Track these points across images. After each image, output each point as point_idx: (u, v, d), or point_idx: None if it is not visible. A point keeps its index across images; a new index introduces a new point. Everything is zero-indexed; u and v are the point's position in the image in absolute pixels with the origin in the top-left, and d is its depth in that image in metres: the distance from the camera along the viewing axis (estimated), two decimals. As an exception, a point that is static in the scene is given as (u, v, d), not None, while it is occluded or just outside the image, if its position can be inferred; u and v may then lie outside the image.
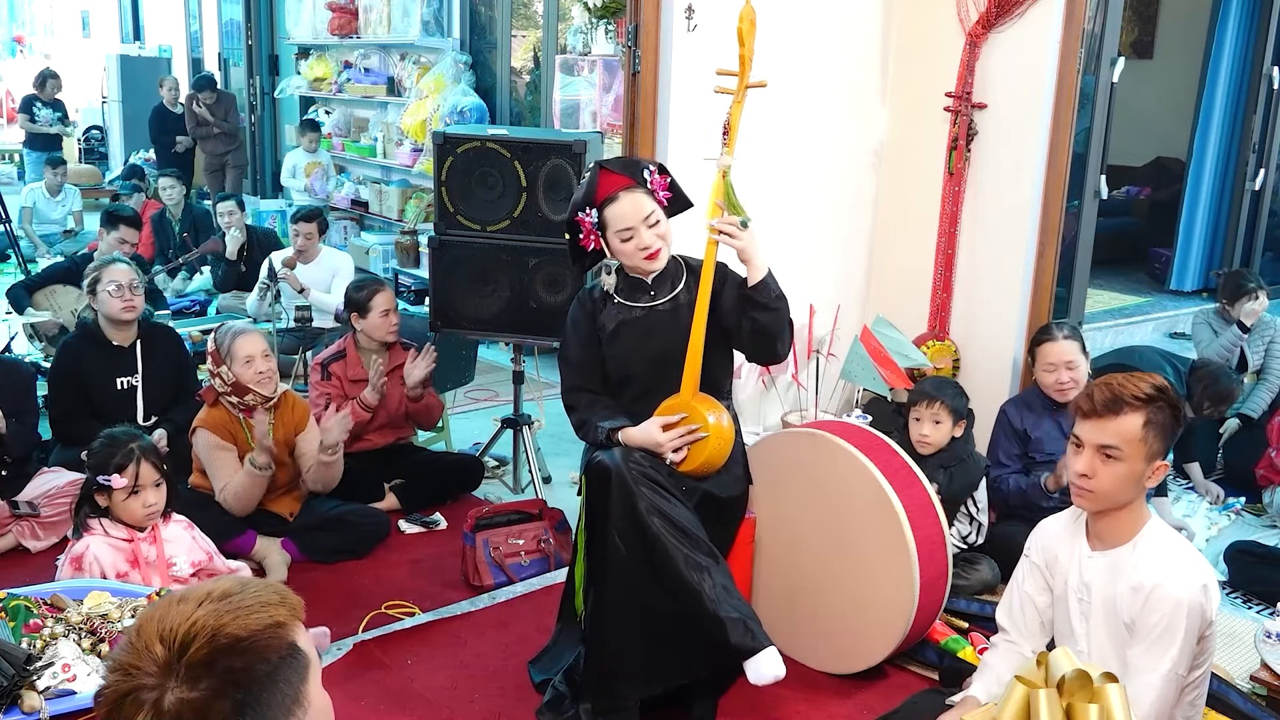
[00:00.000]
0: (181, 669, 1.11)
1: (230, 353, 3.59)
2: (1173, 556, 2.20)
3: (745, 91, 2.80)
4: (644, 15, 3.83)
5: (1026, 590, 2.44)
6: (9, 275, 7.23)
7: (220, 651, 1.12)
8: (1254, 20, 6.75)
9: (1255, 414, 4.74)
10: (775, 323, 2.72)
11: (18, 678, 2.63)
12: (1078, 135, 4.23)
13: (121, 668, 1.14)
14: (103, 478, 3.12)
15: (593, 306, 2.89)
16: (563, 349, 2.96)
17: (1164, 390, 2.21)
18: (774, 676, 2.57)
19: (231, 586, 1.19)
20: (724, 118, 2.80)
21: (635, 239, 2.73)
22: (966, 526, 3.58)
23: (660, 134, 3.94)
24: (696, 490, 2.79)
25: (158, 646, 1.12)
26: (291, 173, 8.56)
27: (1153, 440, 2.19)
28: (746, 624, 2.59)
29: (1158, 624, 2.16)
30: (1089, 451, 2.21)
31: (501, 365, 5.89)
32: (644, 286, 2.83)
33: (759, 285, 2.69)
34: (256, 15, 10.11)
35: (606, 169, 2.77)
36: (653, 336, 2.81)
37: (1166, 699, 2.17)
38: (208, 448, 3.63)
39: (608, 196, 2.74)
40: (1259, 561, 3.71)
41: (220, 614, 1.14)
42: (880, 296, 4.61)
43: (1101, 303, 6.77)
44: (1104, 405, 2.20)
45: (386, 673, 3.05)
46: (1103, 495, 2.23)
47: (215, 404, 3.67)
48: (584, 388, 2.90)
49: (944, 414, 3.56)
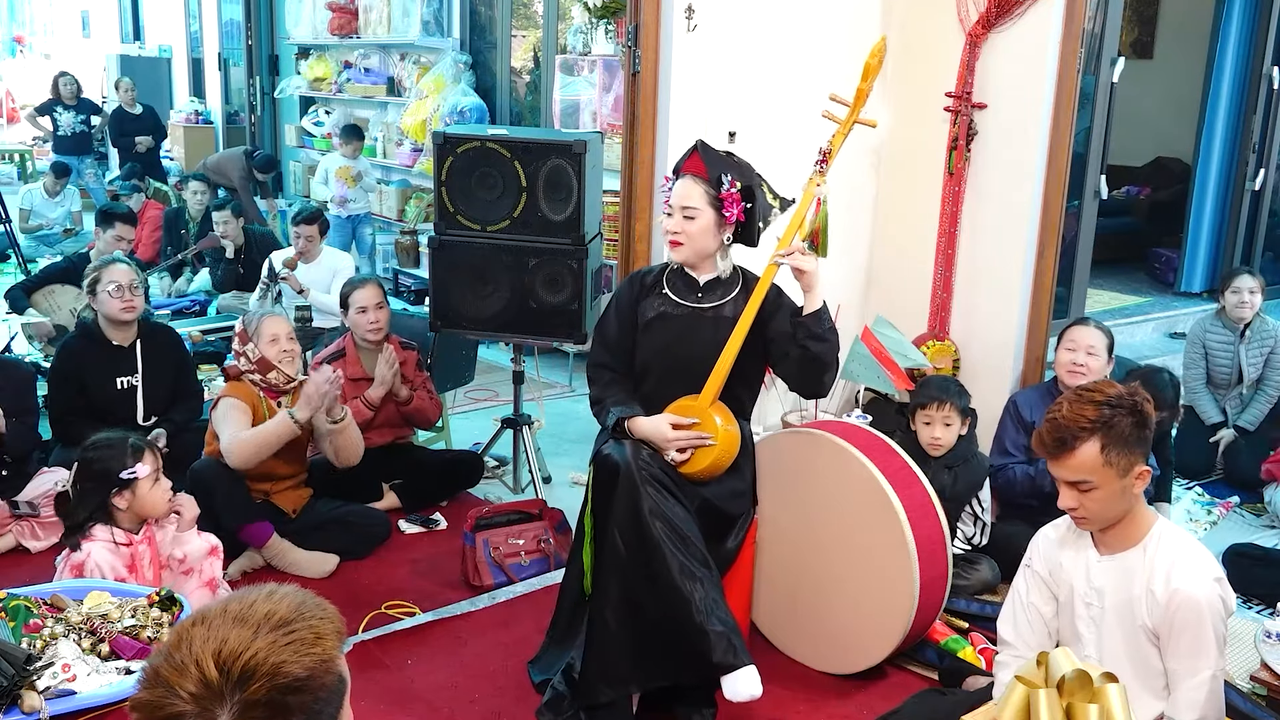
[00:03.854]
0: (237, 704, 1.09)
1: (258, 331, 3.70)
2: (1186, 557, 2.20)
3: (853, 125, 2.81)
4: (644, 15, 3.83)
5: (1032, 601, 2.42)
6: (9, 275, 7.23)
7: (278, 690, 1.10)
8: (1254, 20, 6.75)
9: (1252, 426, 4.71)
10: (827, 353, 2.75)
11: (18, 678, 2.63)
12: (1078, 135, 4.24)
13: (164, 682, 1.10)
14: (126, 473, 3.14)
15: (640, 290, 2.91)
16: (601, 321, 3.00)
17: (1115, 400, 2.17)
18: (749, 695, 2.57)
19: (288, 613, 1.16)
20: (824, 144, 2.80)
21: (670, 219, 2.78)
22: (971, 527, 3.58)
23: (660, 134, 3.94)
24: (698, 496, 2.79)
25: (211, 668, 1.09)
26: (323, 179, 8.15)
27: (1117, 458, 2.16)
28: (730, 639, 2.59)
29: (1185, 628, 2.16)
30: (1064, 487, 2.22)
31: (501, 365, 5.89)
32: (694, 286, 2.85)
33: (815, 315, 2.71)
34: (256, 15, 10.11)
35: (698, 152, 2.81)
36: (686, 338, 2.82)
37: (1217, 695, 2.20)
38: (228, 407, 3.63)
39: (679, 173, 2.81)
40: (1258, 563, 3.71)
41: (280, 648, 1.12)
42: (880, 296, 4.61)
43: (1101, 303, 6.77)
44: (1055, 445, 2.19)
45: (386, 673, 3.05)
46: (1097, 518, 2.24)
47: (238, 379, 3.73)
48: (609, 366, 2.94)
49: (954, 414, 3.56)
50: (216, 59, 11.26)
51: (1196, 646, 2.16)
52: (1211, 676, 2.17)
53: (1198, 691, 2.17)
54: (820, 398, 3.05)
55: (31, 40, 17.62)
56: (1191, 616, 2.15)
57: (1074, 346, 3.76)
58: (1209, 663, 2.17)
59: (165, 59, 12.55)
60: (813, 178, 2.80)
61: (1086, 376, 3.66)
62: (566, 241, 3.98)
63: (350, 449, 3.77)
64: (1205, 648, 2.16)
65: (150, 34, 13.17)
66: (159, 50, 12.72)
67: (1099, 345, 3.74)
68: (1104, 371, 3.76)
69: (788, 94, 4.03)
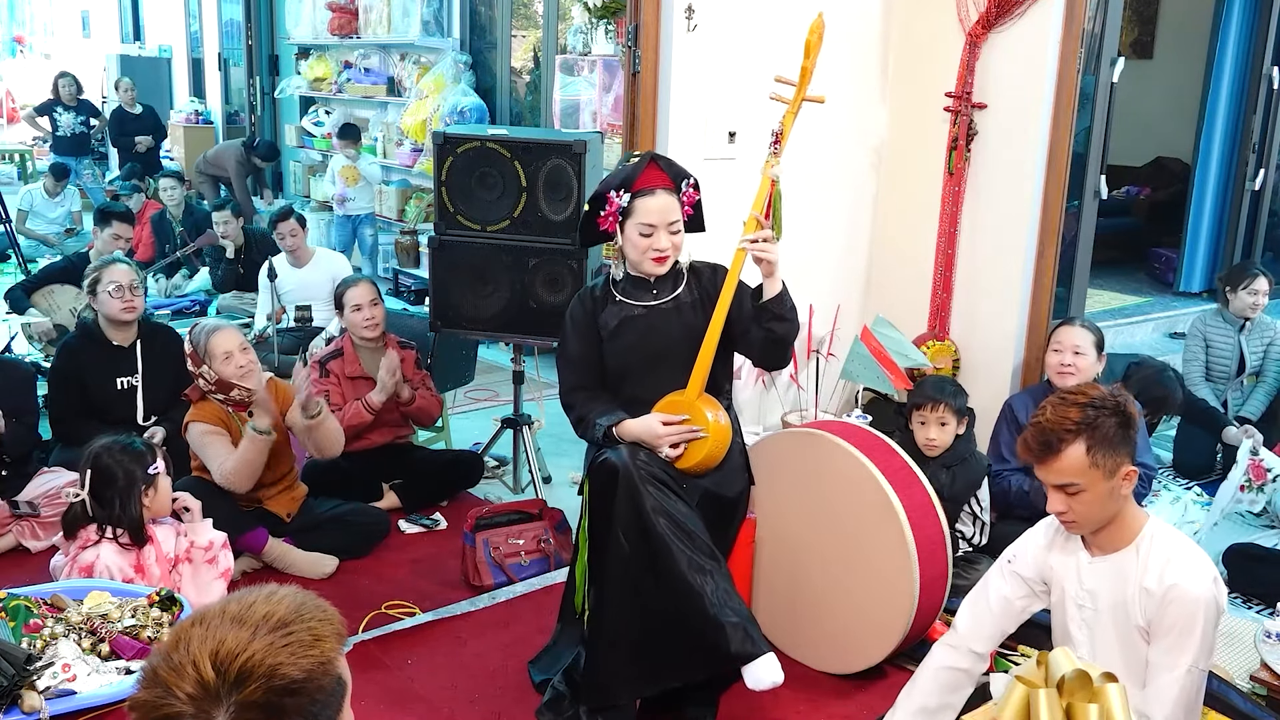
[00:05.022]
0: (232, 705, 1.09)
1: (208, 351, 3.54)
2: (1181, 554, 2.20)
3: (801, 103, 2.80)
4: (644, 15, 3.83)
5: (1005, 594, 2.43)
6: (9, 275, 7.23)
7: (275, 692, 1.10)
8: (1254, 20, 6.75)
9: (1254, 416, 4.72)
10: (790, 332, 2.76)
11: (18, 678, 2.63)
12: (1078, 135, 4.24)
13: (162, 682, 1.10)
14: (151, 468, 3.19)
15: (593, 305, 2.89)
16: (561, 347, 2.95)
17: (1099, 402, 2.17)
18: (772, 682, 2.57)
19: (287, 614, 1.15)
20: (775, 126, 2.79)
21: (653, 238, 2.74)
22: (970, 527, 3.58)
23: (660, 134, 3.94)
24: (698, 488, 2.79)
25: (208, 669, 1.09)
26: (330, 178, 8.21)
27: (1104, 459, 2.16)
28: (746, 629, 2.59)
29: (1176, 622, 2.16)
30: (1052, 491, 2.22)
31: (501, 365, 5.88)
32: (647, 285, 2.84)
33: (778, 298, 2.70)
34: (256, 15, 10.11)
35: (656, 164, 2.79)
36: (654, 334, 2.82)
37: (1189, 694, 2.18)
38: (200, 435, 3.59)
39: (646, 188, 2.75)
40: (1258, 563, 3.71)
41: (277, 650, 1.11)
42: (880, 296, 4.61)
43: (1101, 303, 6.77)
44: (1041, 448, 2.18)
45: (386, 673, 3.05)
46: (1086, 521, 2.23)
47: (202, 400, 3.65)
48: (582, 386, 2.90)
49: (949, 415, 3.56)
50: (216, 59, 11.26)
51: (1182, 642, 2.16)
52: (1187, 671, 2.16)
53: (1171, 688, 2.16)
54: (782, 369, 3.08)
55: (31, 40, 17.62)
56: (1186, 612, 2.15)
57: (1060, 347, 3.77)
58: (1189, 657, 2.15)
59: (165, 59, 12.55)
60: (768, 160, 2.80)
61: (1077, 376, 3.68)
62: (566, 241, 3.98)
63: (330, 442, 3.70)
64: (1189, 644, 2.15)
65: (150, 34, 13.17)
66: (159, 50, 12.72)
67: (1086, 344, 3.75)
68: (1095, 370, 3.76)
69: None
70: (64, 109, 9.65)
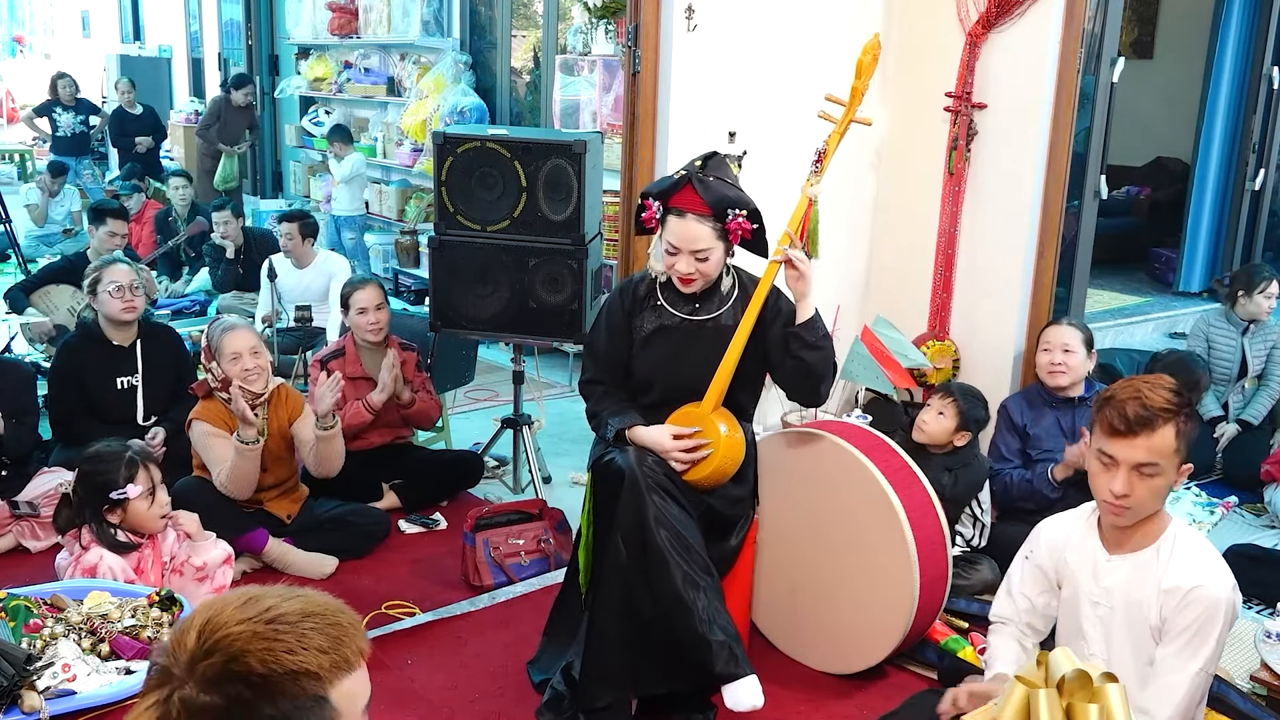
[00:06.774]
0: (198, 672, 1.10)
1: (219, 348, 3.56)
2: (1206, 557, 2.20)
3: (849, 124, 2.78)
4: (644, 15, 3.83)
5: (1027, 593, 2.43)
6: (9, 275, 7.23)
7: (229, 677, 1.10)
8: (1254, 20, 6.75)
9: (1256, 420, 4.70)
10: (821, 363, 2.72)
11: (18, 678, 2.63)
12: (1078, 135, 4.23)
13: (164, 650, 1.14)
14: (116, 493, 3.12)
15: (633, 303, 2.85)
16: (592, 334, 2.95)
17: (1183, 393, 2.18)
18: (751, 706, 2.56)
19: (289, 616, 1.14)
20: (819, 144, 2.76)
21: (677, 260, 2.70)
22: (970, 529, 3.58)
23: (660, 134, 3.94)
24: (702, 502, 2.79)
25: (192, 638, 1.12)
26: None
27: (1184, 449, 2.15)
28: (732, 649, 2.58)
29: (1193, 624, 2.15)
30: (1125, 470, 2.15)
31: (501, 365, 5.89)
32: (691, 297, 2.80)
33: (808, 323, 2.68)
34: (256, 15, 10.10)
35: (694, 187, 2.68)
36: (686, 349, 2.79)
37: (1195, 697, 2.18)
38: (203, 436, 3.61)
39: (677, 209, 2.69)
40: (1258, 563, 3.71)
41: (253, 639, 1.11)
42: (880, 296, 4.61)
43: (1101, 303, 6.77)
44: (1139, 422, 2.13)
45: (386, 673, 3.05)
46: (1142, 508, 2.20)
47: (209, 397, 3.66)
48: (601, 380, 2.90)
49: (950, 410, 3.55)
50: (216, 59, 11.26)
51: (1196, 644, 2.15)
52: (1196, 673, 2.15)
53: (1179, 689, 2.15)
54: (818, 406, 3.03)
55: (31, 40, 17.63)
56: (1205, 615, 2.14)
57: (1049, 347, 3.79)
58: (1201, 660, 2.15)
59: (165, 59, 12.55)
60: (809, 178, 2.79)
61: (1067, 374, 3.72)
62: (566, 241, 3.98)
63: (333, 459, 3.70)
64: (1203, 647, 2.15)
65: (150, 34, 13.18)
66: (159, 50, 12.72)
67: (1074, 342, 3.76)
68: (1086, 367, 3.77)
69: (788, 94, 4.03)
70: (63, 109, 9.66)
